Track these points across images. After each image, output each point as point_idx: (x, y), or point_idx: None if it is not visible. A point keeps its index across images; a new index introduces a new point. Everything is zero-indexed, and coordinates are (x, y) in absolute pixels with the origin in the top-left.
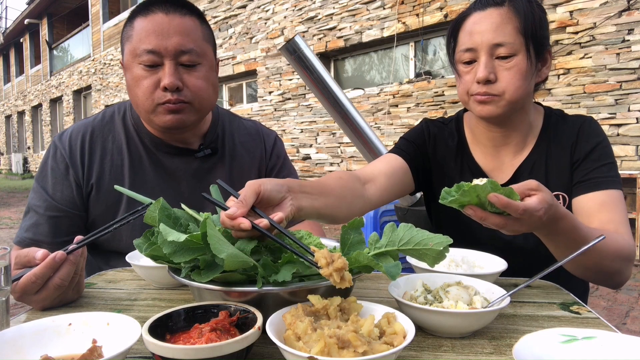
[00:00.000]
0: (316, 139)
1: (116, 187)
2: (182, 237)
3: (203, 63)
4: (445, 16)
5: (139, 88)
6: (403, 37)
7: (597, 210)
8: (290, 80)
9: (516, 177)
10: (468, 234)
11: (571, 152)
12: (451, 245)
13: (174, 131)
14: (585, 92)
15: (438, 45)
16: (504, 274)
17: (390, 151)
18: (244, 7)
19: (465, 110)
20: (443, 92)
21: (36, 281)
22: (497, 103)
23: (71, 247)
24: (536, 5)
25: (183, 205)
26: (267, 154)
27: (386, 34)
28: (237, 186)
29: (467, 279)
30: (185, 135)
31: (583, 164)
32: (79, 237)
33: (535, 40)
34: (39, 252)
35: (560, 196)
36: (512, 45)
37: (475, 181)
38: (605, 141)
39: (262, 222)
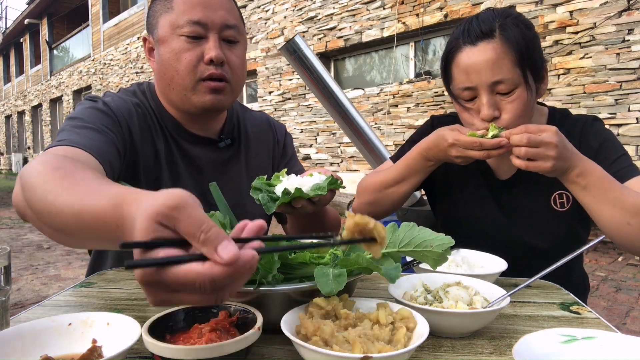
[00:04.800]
0: (316, 139)
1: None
2: None
3: (241, 42)
4: (445, 16)
5: (179, 62)
6: (403, 37)
7: None
8: (290, 80)
9: (520, 176)
10: (473, 233)
11: None
12: (455, 244)
13: (210, 113)
14: (585, 92)
15: (438, 45)
16: (504, 274)
17: (392, 158)
18: (244, 7)
19: None
20: (443, 92)
21: (204, 287)
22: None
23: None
24: (524, 26)
25: None
26: (278, 144)
27: (386, 34)
28: (254, 177)
29: (467, 279)
30: (211, 122)
31: None
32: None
33: (532, 67)
34: (227, 247)
35: (564, 195)
36: (511, 80)
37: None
38: (609, 138)
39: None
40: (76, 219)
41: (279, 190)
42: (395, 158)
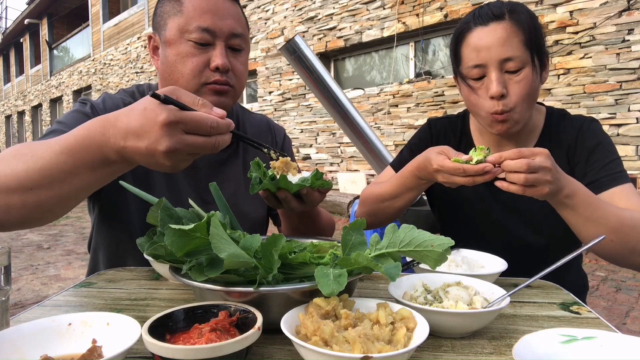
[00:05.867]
0: (316, 139)
1: (121, 182)
2: (189, 226)
3: (245, 50)
4: (445, 16)
5: (185, 65)
6: (403, 37)
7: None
8: (290, 80)
9: None
10: (471, 231)
11: (568, 155)
12: (456, 243)
13: None
14: (585, 92)
15: (438, 45)
16: (504, 274)
17: (392, 164)
18: (244, 7)
19: None
20: (443, 92)
21: (214, 127)
22: (512, 119)
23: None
24: (531, 15)
25: (190, 201)
26: (277, 147)
27: (386, 34)
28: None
29: (467, 279)
30: None
31: (587, 166)
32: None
33: (538, 50)
34: (218, 109)
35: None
36: (520, 59)
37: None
38: (605, 140)
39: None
40: (59, 153)
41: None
42: (394, 164)
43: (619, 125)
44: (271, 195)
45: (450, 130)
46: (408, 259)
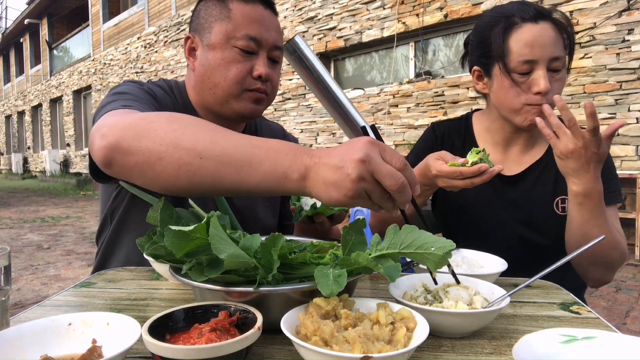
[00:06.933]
0: (316, 139)
1: (121, 182)
2: (188, 227)
3: (280, 62)
4: (445, 16)
5: (229, 71)
6: (403, 37)
7: None
8: (290, 80)
9: (526, 174)
10: (473, 227)
11: None
12: (459, 243)
13: (245, 120)
14: (585, 92)
15: (438, 45)
16: (504, 274)
17: None
18: None
19: (474, 110)
20: (443, 92)
21: (400, 179)
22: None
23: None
24: (568, 18)
25: (191, 201)
26: None
27: (386, 34)
28: None
29: (467, 279)
30: (236, 127)
31: None
32: None
33: (571, 54)
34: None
35: (567, 200)
36: (563, 59)
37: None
38: (608, 158)
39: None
40: (253, 146)
41: (305, 203)
42: None
43: None
44: (307, 218)
45: (454, 132)
46: (408, 259)
